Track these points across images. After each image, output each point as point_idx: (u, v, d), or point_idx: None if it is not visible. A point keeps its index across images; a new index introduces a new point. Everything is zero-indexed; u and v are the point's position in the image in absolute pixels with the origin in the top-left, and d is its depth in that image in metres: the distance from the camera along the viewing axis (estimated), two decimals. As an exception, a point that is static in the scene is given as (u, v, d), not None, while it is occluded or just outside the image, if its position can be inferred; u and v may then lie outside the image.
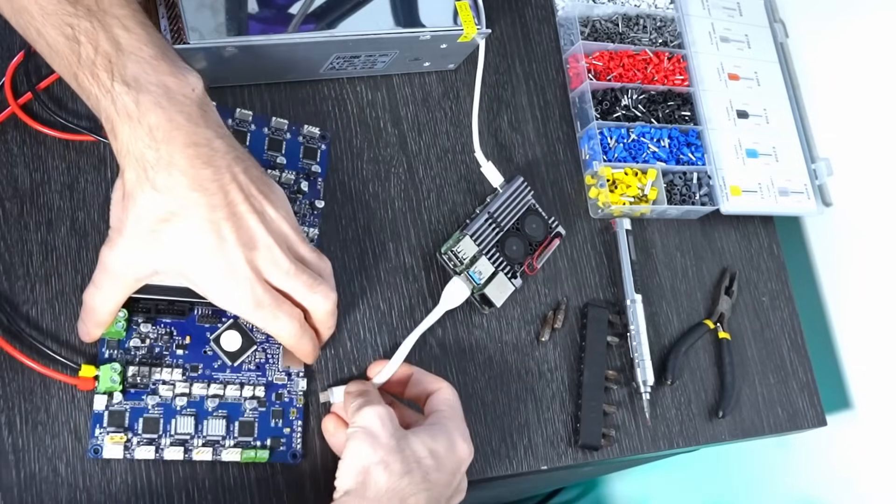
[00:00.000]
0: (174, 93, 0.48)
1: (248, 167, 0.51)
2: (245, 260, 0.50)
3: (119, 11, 0.48)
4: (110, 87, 0.47)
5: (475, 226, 0.68)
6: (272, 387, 0.59)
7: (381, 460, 0.52)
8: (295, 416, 0.59)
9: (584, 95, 0.77)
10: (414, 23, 0.66)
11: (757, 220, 0.85)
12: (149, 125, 0.46)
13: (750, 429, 0.77)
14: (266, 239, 0.51)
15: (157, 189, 0.47)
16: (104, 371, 0.53)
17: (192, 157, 0.47)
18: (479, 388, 0.67)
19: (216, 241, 0.49)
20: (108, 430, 0.54)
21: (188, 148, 0.47)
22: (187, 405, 0.56)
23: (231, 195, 0.49)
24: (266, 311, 0.52)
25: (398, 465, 0.52)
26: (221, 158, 0.49)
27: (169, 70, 0.48)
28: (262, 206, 0.51)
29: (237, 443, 0.57)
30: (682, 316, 0.78)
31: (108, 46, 0.47)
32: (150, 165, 0.47)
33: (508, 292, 0.68)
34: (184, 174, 0.47)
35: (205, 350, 0.58)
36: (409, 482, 0.52)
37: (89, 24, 0.47)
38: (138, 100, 0.46)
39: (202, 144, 0.48)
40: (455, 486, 0.57)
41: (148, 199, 0.47)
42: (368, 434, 0.54)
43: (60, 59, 0.48)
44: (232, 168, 0.49)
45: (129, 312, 0.55)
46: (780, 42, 0.90)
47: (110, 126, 0.47)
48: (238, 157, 0.50)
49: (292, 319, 0.53)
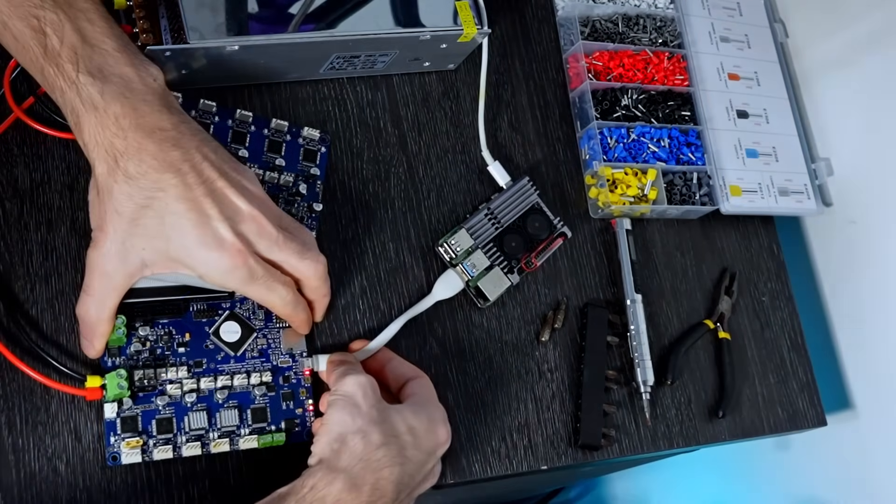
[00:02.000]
0: (136, 83, 0.48)
1: (216, 147, 0.51)
2: (232, 232, 0.50)
3: (83, 4, 0.48)
4: (75, 78, 0.47)
5: (473, 220, 0.68)
6: (278, 371, 0.59)
7: (360, 429, 0.52)
8: (305, 395, 0.60)
9: (584, 95, 0.77)
10: (414, 23, 0.66)
11: (757, 220, 0.85)
12: (114, 114, 0.47)
13: (750, 429, 0.77)
14: (250, 210, 0.51)
15: (131, 177, 0.47)
16: (110, 379, 0.53)
17: (159, 140, 0.48)
18: (479, 388, 0.67)
19: (199, 218, 0.49)
20: (122, 436, 0.54)
21: (154, 133, 0.48)
22: (197, 400, 0.56)
23: (205, 173, 0.49)
24: (260, 283, 0.52)
25: (376, 436, 0.52)
26: (189, 140, 0.49)
27: (130, 62, 0.49)
28: (239, 180, 0.51)
29: (252, 430, 0.57)
30: (682, 316, 0.78)
31: (74, 38, 0.47)
32: (120, 153, 0.47)
33: (503, 287, 0.68)
34: (154, 158, 0.47)
35: (206, 344, 0.58)
36: (385, 454, 0.52)
37: (55, 15, 0.47)
38: (103, 90, 0.47)
39: (168, 129, 0.48)
40: (429, 469, 0.57)
41: (123, 188, 0.47)
42: (350, 402, 0.54)
43: (26, 52, 0.48)
44: (201, 149, 0.50)
45: (127, 318, 0.55)
46: (780, 42, 0.90)
47: (75, 119, 0.48)
48: (204, 139, 0.51)
49: (287, 288, 0.54)
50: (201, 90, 0.62)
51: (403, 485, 0.53)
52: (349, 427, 0.53)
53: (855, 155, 0.85)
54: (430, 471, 0.57)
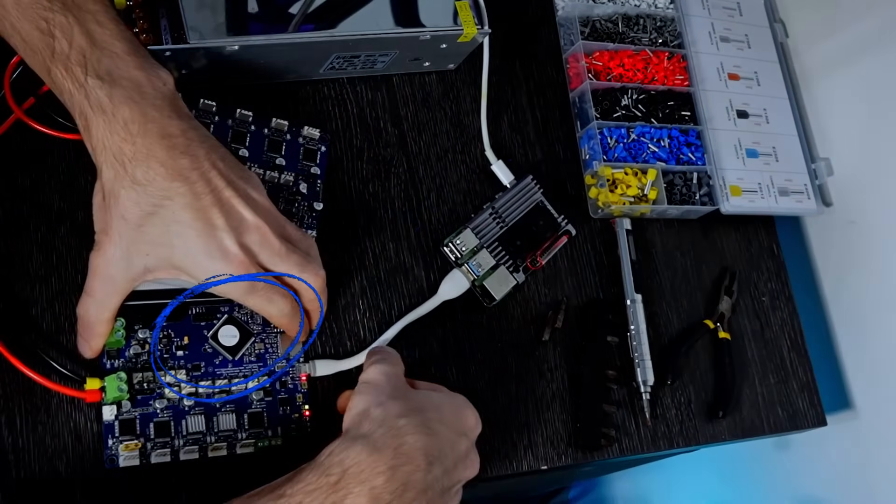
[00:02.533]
0: (145, 87, 0.48)
1: (224, 155, 0.51)
2: (237, 243, 0.50)
3: (93, 7, 0.48)
4: (84, 81, 0.47)
5: (478, 219, 0.68)
6: (275, 375, 0.59)
7: (381, 402, 0.52)
8: (301, 401, 0.60)
9: (584, 95, 0.77)
10: (414, 23, 0.66)
11: (757, 220, 0.85)
12: (123, 119, 0.46)
13: (750, 429, 0.77)
14: (255, 221, 0.51)
15: (138, 183, 0.47)
16: (110, 382, 0.53)
17: (168, 147, 0.47)
18: (479, 388, 0.67)
19: (205, 227, 0.49)
20: (121, 439, 0.54)
21: (164, 139, 0.47)
22: (195, 404, 0.56)
23: (213, 182, 0.49)
24: (260, 295, 0.52)
25: (398, 406, 0.51)
26: (198, 148, 0.49)
27: (140, 65, 0.48)
28: (246, 190, 0.51)
29: (250, 434, 0.57)
30: (682, 316, 0.78)
31: (83, 41, 0.47)
32: (128, 159, 0.47)
33: (509, 286, 0.68)
34: (163, 165, 0.47)
35: (204, 348, 0.58)
36: (408, 422, 0.50)
37: (64, 18, 0.47)
38: (111, 94, 0.46)
39: (177, 135, 0.48)
40: (463, 452, 0.54)
41: (130, 194, 0.47)
42: (371, 385, 0.54)
43: (34, 54, 0.48)
44: (210, 156, 0.49)
45: (126, 321, 0.55)
46: (780, 42, 0.90)
47: (84, 122, 0.47)
48: (213, 146, 0.50)
49: (286, 301, 0.54)
50: (201, 90, 0.62)
51: (434, 457, 0.50)
52: (370, 402, 0.52)
53: (855, 155, 0.85)
54: (465, 454, 0.54)
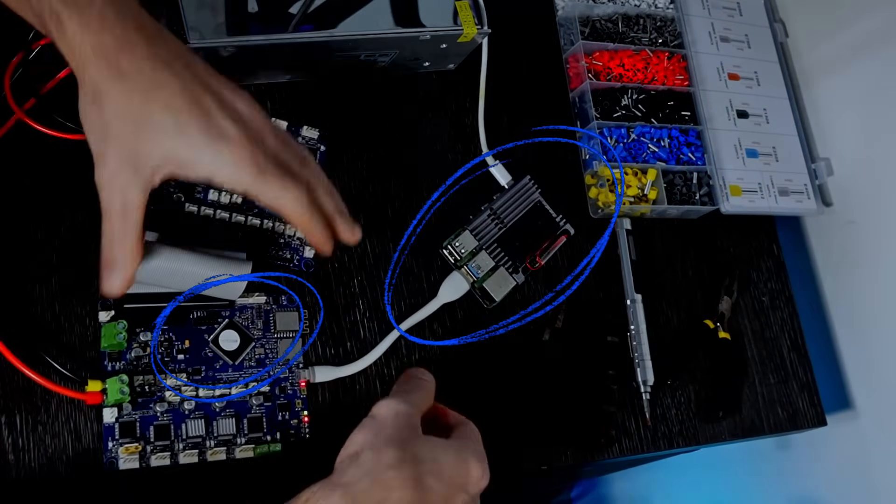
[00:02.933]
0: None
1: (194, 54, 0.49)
2: (234, 124, 0.48)
3: None
4: None
5: (476, 221, 0.68)
6: (275, 381, 0.59)
7: (374, 446, 0.48)
8: (300, 406, 0.59)
9: (584, 95, 0.77)
10: (414, 23, 0.66)
11: (757, 220, 0.85)
12: (99, 11, 0.45)
13: (750, 429, 0.77)
14: (246, 108, 0.49)
15: (125, 73, 0.46)
16: (111, 384, 0.53)
17: (147, 37, 0.46)
18: (479, 388, 0.67)
19: (201, 112, 0.47)
20: (120, 441, 0.54)
21: (140, 30, 0.46)
22: (195, 408, 0.56)
23: (197, 70, 0.48)
24: (271, 179, 0.49)
25: (391, 454, 0.48)
26: (173, 41, 0.48)
27: None
28: (226, 83, 0.49)
29: (249, 439, 0.57)
30: (682, 316, 0.78)
31: None
32: (111, 49, 0.45)
33: (509, 287, 0.68)
34: (146, 55, 0.46)
35: (205, 352, 0.58)
36: (397, 475, 0.47)
37: None
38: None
39: (150, 27, 0.47)
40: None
41: (120, 87, 0.46)
42: (374, 422, 0.50)
43: None
44: (186, 51, 0.48)
45: (128, 323, 0.55)
46: (780, 42, 0.90)
47: (56, 22, 0.45)
48: (181, 43, 0.49)
49: (301, 187, 0.50)
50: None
51: None
52: (365, 443, 0.49)
53: (855, 155, 0.85)
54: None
